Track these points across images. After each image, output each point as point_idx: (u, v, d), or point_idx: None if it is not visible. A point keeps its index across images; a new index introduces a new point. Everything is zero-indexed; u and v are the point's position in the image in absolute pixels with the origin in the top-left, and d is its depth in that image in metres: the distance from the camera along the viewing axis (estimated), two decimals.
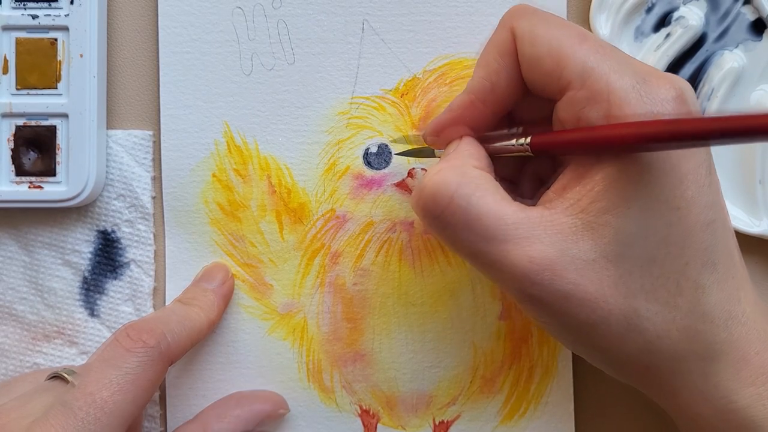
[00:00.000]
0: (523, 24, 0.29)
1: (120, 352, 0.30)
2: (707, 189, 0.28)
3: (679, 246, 0.28)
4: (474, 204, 0.28)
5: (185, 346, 0.32)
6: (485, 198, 0.28)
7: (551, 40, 0.28)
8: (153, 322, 0.31)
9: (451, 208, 0.28)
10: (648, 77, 0.27)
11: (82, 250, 0.37)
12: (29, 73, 0.35)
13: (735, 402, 0.28)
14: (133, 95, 0.37)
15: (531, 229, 0.28)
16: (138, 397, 0.29)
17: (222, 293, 0.36)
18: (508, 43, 0.30)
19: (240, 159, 0.37)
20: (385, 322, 0.37)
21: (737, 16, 0.36)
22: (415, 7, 0.37)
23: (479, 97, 0.30)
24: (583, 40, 0.28)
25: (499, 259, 0.28)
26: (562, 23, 0.29)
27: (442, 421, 0.37)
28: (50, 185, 0.35)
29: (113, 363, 0.29)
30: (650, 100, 0.27)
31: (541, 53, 0.28)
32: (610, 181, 0.27)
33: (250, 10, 0.36)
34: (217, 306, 0.35)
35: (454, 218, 0.28)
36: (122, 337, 0.30)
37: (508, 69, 0.30)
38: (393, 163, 0.36)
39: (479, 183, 0.28)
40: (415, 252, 0.36)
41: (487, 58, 0.30)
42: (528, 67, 0.29)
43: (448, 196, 0.28)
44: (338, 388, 0.37)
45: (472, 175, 0.29)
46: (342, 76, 0.37)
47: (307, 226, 0.37)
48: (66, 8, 0.35)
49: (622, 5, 0.35)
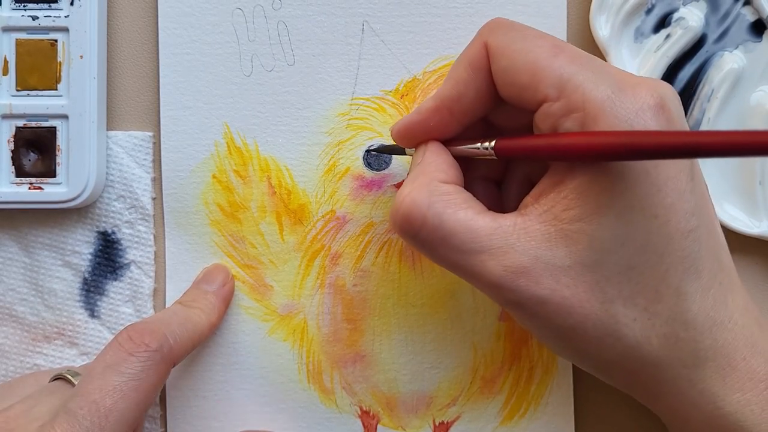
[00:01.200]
0: (498, 38, 0.29)
1: (122, 356, 0.30)
2: (689, 195, 0.28)
3: (659, 253, 0.28)
4: (446, 221, 0.29)
5: (187, 348, 0.33)
6: (457, 214, 0.29)
7: (526, 54, 0.29)
8: (155, 324, 0.32)
9: (425, 228, 0.29)
10: (624, 86, 0.27)
11: (83, 251, 0.37)
12: (29, 75, 0.35)
13: (722, 408, 0.29)
14: (133, 96, 0.37)
15: (504, 239, 0.28)
16: (141, 402, 0.30)
17: (222, 295, 0.36)
18: (481, 57, 0.30)
19: (240, 160, 0.37)
20: (385, 323, 0.37)
21: (737, 17, 0.36)
22: (415, 9, 0.37)
23: (446, 104, 0.31)
24: (558, 51, 0.28)
25: (477, 270, 0.28)
26: (537, 35, 0.29)
27: (442, 422, 0.37)
28: (50, 186, 0.35)
29: (116, 368, 0.29)
30: (626, 110, 0.27)
31: (517, 67, 0.29)
32: (584, 188, 0.27)
33: (250, 12, 0.37)
34: (217, 308, 0.35)
35: (429, 236, 0.29)
36: (124, 340, 0.30)
37: (477, 82, 0.30)
38: (393, 165, 0.37)
39: (449, 199, 0.29)
40: (415, 253, 0.37)
41: (458, 69, 0.31)
42: (503, 81, 0.29)
43: (420, 217, 0.29)
44: (338, 389, 0.37)
45: (441, 191, 0.29)
46: (342, 77, 0.37)
47: (307, 228, 0.37)
48: (66, 9, 0.35)
49: (622, 6, 0.36)
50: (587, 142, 0.26)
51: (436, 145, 0.32)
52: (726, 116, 0.36)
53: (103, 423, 0.28)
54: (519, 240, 0.28)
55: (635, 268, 0.28)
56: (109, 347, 0.30)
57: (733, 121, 0.36)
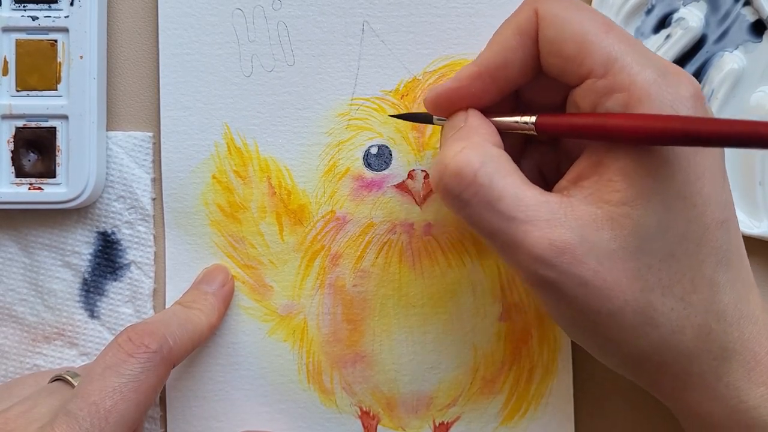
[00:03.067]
0: (549, 5, 0.29)
1: (122, 357, 0.30)
2: (721, 188, 0.28)
3: (696, 243, 0.28)
4: (496, 183, 0.28)
5: (187, 349, 0.33)
6: (507, 179, 0.28)
7: (576, 25, 0.28)
8: (155, 325, 0.32)
9: (473, 187, 0.28)
10: (668, 72, 0.28)
11: (82, 251, 0.37)
12: (29, 75, 0.35)
13: (745, 402, 0.29)
14: (133, 97, 0.38)
15: (552, 213, 0.28)
16: (141, 403, 0.30)
17: (222, 296, 0.36)
18: (530, 23, 0.30)
19: (240, 160, 0.37)
20: (386, 324, 0.37)
21: (737, 17, 0.36)
22: (415, 9, 0.37)
23: (489, 71, 0.30)
24: (609, 29, 0.28)
25: (518, 240, 0.28)
26: (587, 9, 0.29)
27: (443, 423, 0.37)
28: (50, 187, 0.35)
29: (116, 369, 0.30)
30: (670, 96, 0.27)
31: (564, 37, 0.28)
32: (629, 171, 0.27)
33: (250, 12, 0.37)
34: (217, 309, 0.36)
35: (476, 197, 0.28)
36: (124, 342, 0.31)
37: (524, 48, 0.30)
38: (393, 165, 0.37)
39: (501, 163, 0.29)
40: (415, 253, 0.37)
41: (504, 34, 0.30)
42: (548, 50, 0.29)
43: (471, 175, 0.28)
44: (338, 389, 0.37)
45: (493, 154, 0.29)
46: (342, 77, 0.37)
47: (307, 228, 0.37)
48: (66, 10, 0.35)
49: (622, 6, 0.36)
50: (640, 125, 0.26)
51: (478, 113, 0.31)
52: (726, 116, 0.36)
53: (103, 424, 0.28)
54: (566, 217, 0.27)
55: (674, 256, 0.28)
56: (108, 348, 0.31)
57: None
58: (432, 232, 0.37)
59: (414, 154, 0.37)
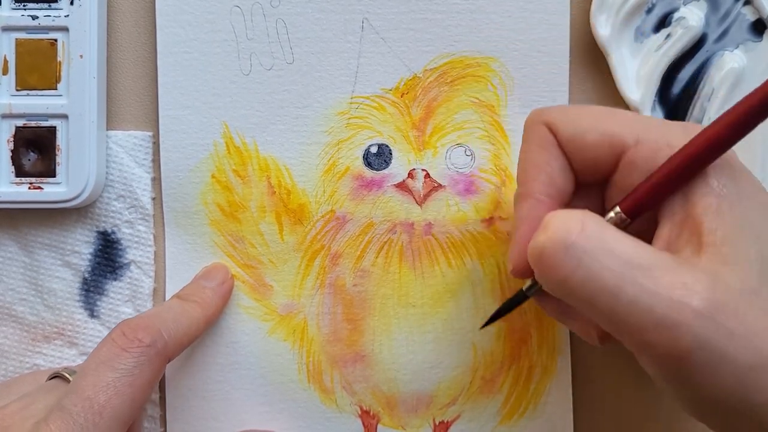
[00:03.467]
0: (553, 114, 0.30)
1: (116, 351, 0.30)
2: None
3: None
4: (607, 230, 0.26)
5: (182, 342, 0.33)
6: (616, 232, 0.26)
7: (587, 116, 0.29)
8: (149, 319, 0.32)
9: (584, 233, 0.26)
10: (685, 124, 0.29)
11: (82, 251, 0.37)
12: (29, 74, 0.36)
13: None
14: (133, 96, 0.38)
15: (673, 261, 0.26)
16: (136, 398, 0.30)
17: (221, 293, 0.36)
18: (547, 135, 0.30)
19: (239, 160, 0.37)
20: (386, 323, 0.37)
21: (737, 16, 0.36)
22: (416, 5, 0.37)
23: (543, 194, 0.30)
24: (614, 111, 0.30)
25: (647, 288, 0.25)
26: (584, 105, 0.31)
27: (442, 422, 0.38)
28: (50, 186, 0.36)
29: (110, 364, 0.30)
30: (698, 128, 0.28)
31: (583, 129, 0.29)
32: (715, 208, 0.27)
33: (248, 9, 0.37)
34: (215, 304, 0.36)
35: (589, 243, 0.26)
36: (118, 336, 0.31)
37: (555, 158, 0.30)
38: (393, 164, 0.37)
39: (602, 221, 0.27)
40: (415, 253, 0.37)
41: (531, 158, 0.31)
42: (574, 147, 0.30)
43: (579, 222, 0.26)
44: (338, 388, 0.37)
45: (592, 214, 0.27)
46: (341, 75, 0.37)
47: (307, 227, 0.37)
48: (66, 9, 0.35)
49: (622, 6, 0.36)
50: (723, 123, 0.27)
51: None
52: None
53: (97, 420, 0.29)
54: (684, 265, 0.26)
55: None
56: (102, 343, 0.31)
57: None
58: (432, 232, 0.37)
59: (414, 153, 0.37)
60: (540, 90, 0.37)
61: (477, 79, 0.37)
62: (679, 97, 0.37)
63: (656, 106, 0.37)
